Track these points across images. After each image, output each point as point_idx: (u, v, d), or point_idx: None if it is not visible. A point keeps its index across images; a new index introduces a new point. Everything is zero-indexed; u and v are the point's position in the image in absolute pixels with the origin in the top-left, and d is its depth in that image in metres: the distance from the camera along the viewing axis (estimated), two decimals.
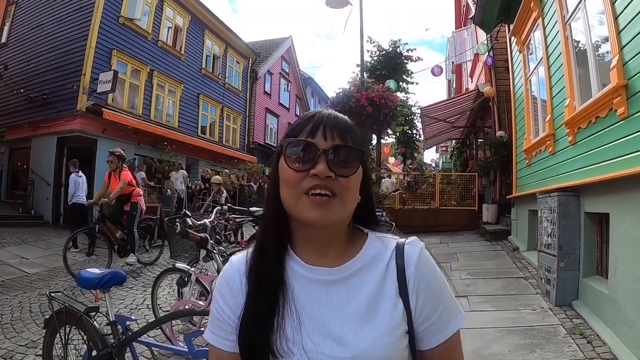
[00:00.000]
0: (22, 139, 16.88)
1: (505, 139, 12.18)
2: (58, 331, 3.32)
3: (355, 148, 1.04)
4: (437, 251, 10.11)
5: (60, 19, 17.07)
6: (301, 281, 1.05)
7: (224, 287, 1.10)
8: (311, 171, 0.99)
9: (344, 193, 1.01)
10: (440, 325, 1.05)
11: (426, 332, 1.04)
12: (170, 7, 20.40)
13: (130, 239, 9.05)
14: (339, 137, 1.03)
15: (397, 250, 1.08)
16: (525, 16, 8.63)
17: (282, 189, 1.04)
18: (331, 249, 1.08)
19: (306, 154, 1.01)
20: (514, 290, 6.63)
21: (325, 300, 1.03)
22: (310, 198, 0.99)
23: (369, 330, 0.99)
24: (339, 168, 1.00)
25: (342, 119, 1.08)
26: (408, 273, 1.05)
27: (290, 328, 1.00)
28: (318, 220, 0.99)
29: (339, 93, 13.66)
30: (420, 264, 1.06)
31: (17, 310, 6.40)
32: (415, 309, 1.03)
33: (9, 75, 17.38)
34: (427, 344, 1.05)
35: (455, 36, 18.10)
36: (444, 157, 35.67)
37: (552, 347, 4.39)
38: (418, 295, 1.04)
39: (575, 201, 5.86)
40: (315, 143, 1.01)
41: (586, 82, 5.81)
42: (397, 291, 1.04)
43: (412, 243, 1.10)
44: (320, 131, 1.03)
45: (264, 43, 31.14)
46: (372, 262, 1.07)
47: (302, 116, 1.09)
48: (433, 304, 1.05)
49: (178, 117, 21.08)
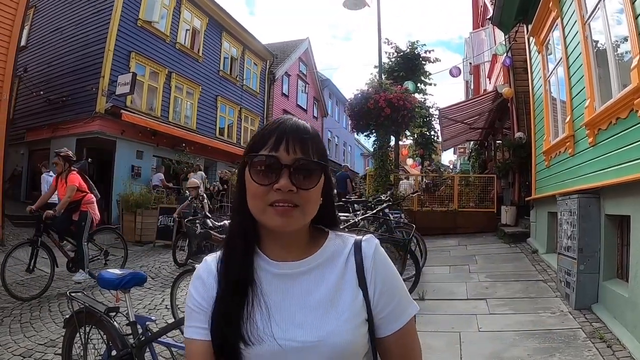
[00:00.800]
0: (42, 140, 17.10)
1: (524, 141, 12.08)
2: (78, 331, 3.35)
3: (316, 162, 1.10)
4: (455, 253, 10.08)
5: (79, 21, 17.30)
6: (268, 276, 1.13)
7: (198, 282, 1.17)
8: (274, 186, 1.05)
9: (305, 204, 1.08)
10: (397, 314, 1.14)
11: (384, 320, 1.13)
12: (187, 9, 20.54)
13: (79, 253, 8.03)
14: (301, 150, 1.08)
15: (355, 246, 1.17)
16: (544, 16, 8.56)
17: (249, 199, 1.10)
18: (294, 247, 1.16)
19: (269, 168, 1.06)
20: (533, 293, 6.57)
21: (291, 291, 1.11)
22: (275, 208, 1.05)
23: (332, 317, 1.08)
24: (301, 182, 1.06)
25: (304, 129, 1.12)
26: (366, 266, 1.14)
27: (260, 318, 1.07)
28: (281, 227, 1.07)
29: (357, 94, 13.62)
30: (376, 258, 1.16)
31: (37, 309, 6.49)
32: (373, 298, 1.13)
33: (29, 78, 17.65)
34: (384, 330, 1.14)
35: (472, 37, 17.99)
36: (462, 158, 35.45)
37: (571, 351, 4.34)
38: (375, 287, 1.13)
39: (595, 203, 5.79)
40: (278, 157, 1.06)
41: (606, 82, 5.75)
42: (356, 283, 1.13)
43: (369, 240, 1.19)
44: (283, 145, 1.07)
45: (281, 45, 31.21)
46: (333, 256, 1.16)
47: (265, 126, 1.15)
48: (389, 294, 1.14)
49: (196, 119, 21.20)
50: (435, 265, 8.70)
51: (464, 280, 7.61)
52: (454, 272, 8.34)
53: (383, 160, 13.88)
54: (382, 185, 13.15)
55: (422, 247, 8.50)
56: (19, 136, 17.29)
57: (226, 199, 18.16)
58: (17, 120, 17.15)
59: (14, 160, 17.06)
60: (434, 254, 9.47)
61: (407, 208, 12.57)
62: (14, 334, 5.49)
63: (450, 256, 9.80)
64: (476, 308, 6.06)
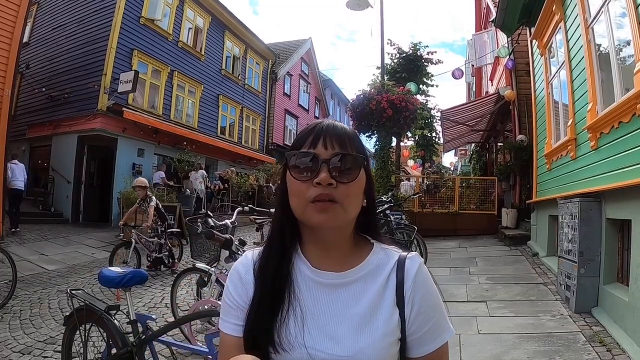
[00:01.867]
0: (43, 137, 17.12)
1: (525, 143, 12.08)
2: (78, 328, 3.35)
3: (354, 155, 1.10)
4: (455, 255, 10.07)
5: (82, 19, 17.31)
6: (307, 282, 1.13)
7: (237, 278, 1.17)
8: (314, 180, 1.05)
9: (345, 199, 1.07)
10: (431, 337, 1.12)
11: (416, 341, 1.11)
12: (190, 8, 20.55)
13: None
14: (339, 146, 1.10)
15: (398, 263, 1.15)
16: (547, 19, 8.55)
17: (291, 198, 1.10)
18: (335, 251, 1.15)
19: (309, 165, 1.08)
20: (533, 296, 6.57)
21: (328, 302, 1.11)
22: (315, 205, 1.05)
23: (366, 334, 1.06)
24: (340, 176, 1.07)
25: (342, 127, 1.14)
26: (406, 286, 1.12)
27: (294, 324, 1.07)
28: (321, 223, 1.07)
29: (359, 95, 13.60)
30: (418, 278, 1.13)
31: (37, 306, 6.50)
32: (409, 318, 1.11)
33: (31, 75, 17.66)
34: (416, 352, 1.12)
35: (475, 39, 17.99)
36: (463, 160, 35.46)
37: (571, 355, 4.34)
38: (413, 307, 1.11)
39: (596, 207, 5.79)
40: (317, 153, 1.08)
41: (609, 86, 5.74)
42: (394, 301, 1.11)
43: (412, 258, 1.17)
44: (320, 142, 1.09)
45: (283, 44, 31.21)
46: (375, 271, 1.14)
47: (304, 128, 1.16)
48: (425, 316, 1.11)
49: (198, 118, 21.23)
50: (436, 267, 8.70)
51: (464, 282, 7.61)
52: (454, 274, 8.33)
53: (384, 162, 13.87)
54: (383, 187, 13.14)
55: (422, 248, 8.49)
56: (21, 132, 17.30)
57: (227, 198, 18.18)
58: (18, 116, 17.16)
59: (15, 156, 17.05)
60: (434, 256, 9.47)
61: (408, 209, 12.56)
62: (14, 330, 5.50)
63: (450, 258, 9.79)
64: (476, 310, 6.05)
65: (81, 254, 10.65)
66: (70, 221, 15.50)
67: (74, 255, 10.39)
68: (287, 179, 1.12)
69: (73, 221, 15.61)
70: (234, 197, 18.34)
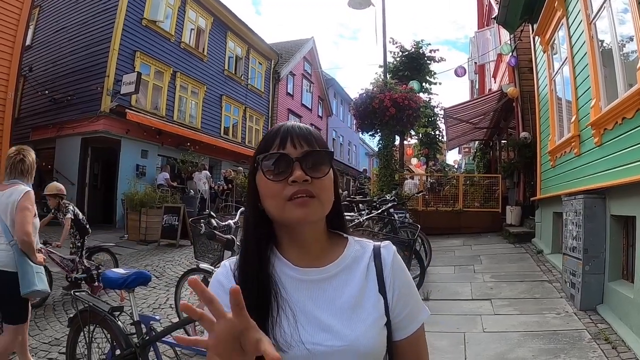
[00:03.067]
0: (47, 139, 17.11)
1: (529, 140, 12.05)
2: (82, 330, 3.36)
3: (323, 151, 1.15)
4: (460, 253, 10.06)
5: (84, 21, 17.33)
6: (292, 282, 1.14)
7: (219, 288, 1.14)
8: (289, 178, 1.08)
9: (322, 193, 1.11)
10: (410, 318, 1.19)
11: (400, 323, 1.17)
12: (192, 9, 20.55)
13: None
14: (307, 144, 1.13)
15: (374, 252, 1.22)
16: (549, 16, 8.53)
17: (265, 201, 1.13)
18: (313, 247, 1.18)
19: (282, 165, 1.10)
20: (538, 293, 6.56)
21: (316, 296, 1.13)
22: (293, 202, 1.08)
23: (358, 321, 1.10)
24: (313, 172, 1.10)
25: (305, 127, 1.18)
26: (385, 273, 1.18)
27: (287, 324, 1.08)
28: (303, 218, 1.09)
29: (362, 94, 13.58)
30: (394, 265, 1.21)
31: (41, 308, 6.50)
32: (392, 303, 1.17)
33: (34, 77, 17.69)
34: (400, 334, 1.18)
35: (477, 36, 17.95)
36: (467, 158, 35.40)
37: (576, 353, 4.33)
38: (394, 292, 1.17)
39: (601, 204, 5.77)
40: (288, 153, 1.11)
41: (612, 82, 5.73)
42: (377, 288, 1.17)
43: (387, 247, 1.24)
44: (289, 142, 1.12)
45: (286, 44, 31.23)
46: (354, 262, 1.19)
47: (268, 132, 1.19)
48: (405, 299, 1.19)
49: (201, 118, 21.21)
50: (440, 265, 8.69)
51: (469, 280, 7.60)
52: (458, 272, 8.33)
53: (388, 160, 13.84)
54: (387, 185, 13.13)
55: (426, 247, 8.48)
56: (24, 135, 17.29)
57: (231, 199, 18.18)
58: (22, 119, 17.21)
59: None
60: (438, 254, 9.47)
61: (411, 208, 12.55)
62: None
63: (455, 256, 9.78)
64: (481, 308, 6.05)
65: None
66: None
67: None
68: (259, 182, 1.14)
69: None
70: (238, 198, 18.33)
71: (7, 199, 3.77)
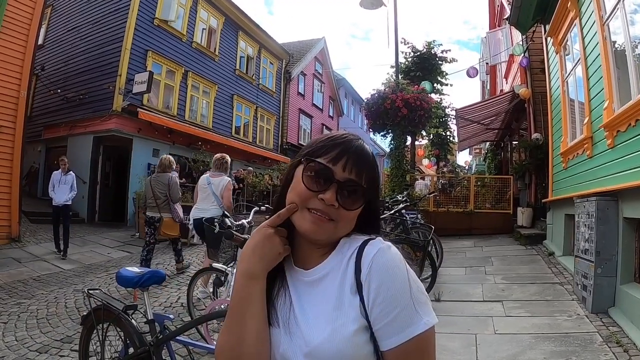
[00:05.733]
0: (59, 137, 17.33)
1: (541, 142, 11.99)
2: (95, 328, 3.38)
3: (364, 188, 1.12)
4: (471, 254, 10.03)
5: (96, 21, 17.51)
6: (291, 278, 1.17)
7: None
8: (320, 195, 1.08)
9: (341, 221, 1.11)
10: (396, 328, 1.02)
11: (381, 332, 1.04)
12: (204, 8, 20.68)
13: None
14: (356, 174, 1.11)
15: (358, 249, 1.11)
16: (562, 16, 8.48)
17: (291, 194, 1.13)
18: (318, 252, 1.17)
19: (322, 178, 1.09)
20: (549, 296, 6.52)
21: (303, 298, 1.13)
22: (310, 213, 1.09)
23: (327, 325, 1.05)
24: (345, 201, 1.09)
25: (366, 155, 1.15)
26: (363, 271, 1.07)
27: (281, 306, 1.13)
28: (310, 233, 1.10)
29: (374, 94, 13.56)
30: (374, 264, 1.06)
31: (53, 305, 6.56)
32: (369, 306, 1.05)
33: (46, 76, 17.87)
34: (384, 344, 1.04)
35: (489, 37, 17.86)
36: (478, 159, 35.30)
37: (587, 355, 4.31)
38: (369, 294, 1.05)
39: (613, 206, 5.73)
40: (334, 171, 1.10)
41: (625, 84, 5.68)
42: (354, 288, 1.07)
43: (373, 243, 1.11)
44: (342, 161, 1.11)
45: (297, 44, 31.33)
46: (340, 261, 1.13)
47: (332, 137, 1.16)
48: (385, 305, 1.03)
49: (212, 118, 21.36)
50: (451, 267, 8.67)
51: (480, 281, 7.58)
52: (470, 274, 8.30)
53: (399, 161, 13.81)
54: (398, 186, 13.11)
55: (438, 248, 8.46)
56: (37, 133, 17.51)
57: (242, 198, 18.21)
58: (34, 117, 17.40)
59: (31, 157, 17.27)
60: (449, 255, 9.45)
61: (423, 208, 12.52)
62: (31, 329, 5.56)
63: (466, 257, 9.75)
64: (492, 310, 6.03)
65: (97, 253, 10.75)
66: (86, 221, 15.68)
67: (90, 255, 10.49)
68: (296, 177, 1.14)
69: (89, 221, 15.78)
70: (249, 197, 18.36)
71: (219, 183, 7.19)
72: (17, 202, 11.25)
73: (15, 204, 11.21)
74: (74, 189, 10.63)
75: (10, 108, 11.12)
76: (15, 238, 11.03)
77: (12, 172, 11.22)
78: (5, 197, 11.02)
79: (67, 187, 10.44)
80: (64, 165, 10.59)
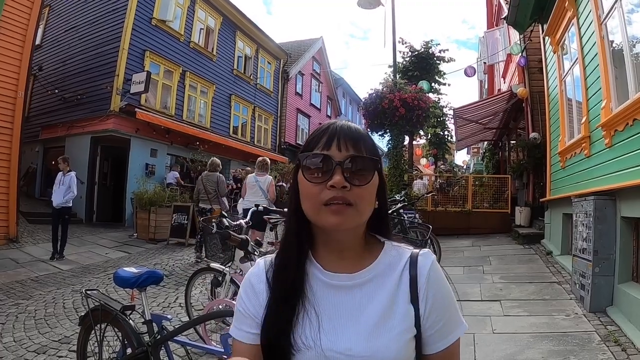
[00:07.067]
0: (56, 138, 17.27)
1: (538, 141, 12.00)
2: (93, 328, 3.36)
3: (368, 157, 1.10)
4: (469, 254, 10.03)
5: (94, 21, 17.47)
6: (321, 286, 1.12)
7: (249, 288, 1.18)
8: (328, 183, 1.04)
9: (360, 202, 1.06)
10: (444, 333, 1.11)
11: (431, 337, 1.10)
12: (201, 8, 20.65)
13: None
14: (353, 148, 1.08)
15: (411, 260, 1.14)
16: (560, 16, 8.49)
17: (303, 201, 1.10)
18: (348, 253, 1.14)
19: (322, 167, 1.07)
20: (547, 295, 6.53)
21: (343, 303, 1.10)
22: (329, 207, 1.04)
23: (382, 332, 1.06)
24: (354, 178, 1.06)
25: (355, 128, 1.14)
26: (420, 282, 1.11)
27: (309, 328, 1.07)
28: (336, 226, 1.05)
29: (372, 94, 13.57)
30: (431, 275, 1.12)
31: (51, 306, 6.55)
32: (424, 315, 1.10)
33: (44, 76, 17.83)
34: (431, 348, 1.11)
35: (487, 36, 17.88)
36: (476, 158, 35.30)
37: (585, 354, 4.31)
38: (427, 303, 1.10)
39: (611, 205, 5.74)
40: (331, 155, 1.07)
41: (623, 83, 5.69)
42: (409, 298, 1.10)
43: (425, 255, 1.16)
44: (334, 143, 1.08)
45: (295, 44, 31.27)
46: (387, 270, 1.14)
47: (317, 129, 1.15)
48: (439, 312, 1.10)
49: (210, 118, 21.34)
50: (449, 266, 8.66)
51: (478, 281, 7.58)
52: (468, 273, 8.31)
53: (397, 160, 13.81)
54: (396, 185, 13.10)
55: (436, 247, 8.46)
56: (34, 134, 17.48)
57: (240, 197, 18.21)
58: (32, 118, 17.40)
59: (29, 157, 17.23)
60: (447, 255, 9.45)
61: (420, 208, 12.53)
62: (29, 330, 5.55)
63: (464, 257, 9.76)
64: (490, 309, 6.03)
65: (95, 254, 10.73)
66: (84, 221, 15.63)
67: (88, 255, 10.47)
68: (299, 180, 1.11)
69: (87, 221, 15.74)
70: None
71: (265, 180, 8.82)
72: (14, 202, 11.24)
73: (13, 204, 11.20)
74: (71, 190, 10.27)
75: (7, 108, 11.10)
76: (13, 239, 11.01)
77: (9, 173, 11.21)
78: (2, 197, 11.00)
79: (64, 188, 10.21)
80: (62, 165, 10.48)
